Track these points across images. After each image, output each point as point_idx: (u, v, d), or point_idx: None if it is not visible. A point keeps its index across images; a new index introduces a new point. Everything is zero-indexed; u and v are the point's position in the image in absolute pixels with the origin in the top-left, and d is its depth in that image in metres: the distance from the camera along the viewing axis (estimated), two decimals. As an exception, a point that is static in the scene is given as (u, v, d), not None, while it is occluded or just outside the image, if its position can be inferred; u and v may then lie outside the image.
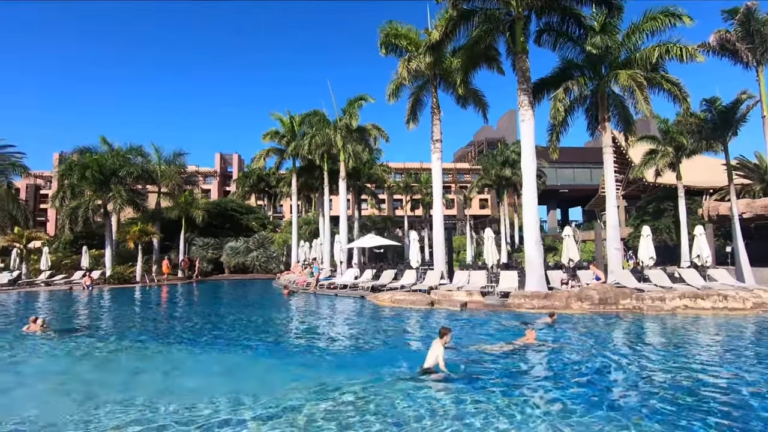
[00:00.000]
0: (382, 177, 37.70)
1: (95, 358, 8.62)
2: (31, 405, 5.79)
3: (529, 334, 8.54)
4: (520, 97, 14.71)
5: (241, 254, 35.23)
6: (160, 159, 33.83)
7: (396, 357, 7.84)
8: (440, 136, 19.12)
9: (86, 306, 17.81)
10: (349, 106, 25.74)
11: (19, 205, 33.71)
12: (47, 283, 26.97)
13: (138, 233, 28.09)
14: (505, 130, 73.86)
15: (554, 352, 8.18)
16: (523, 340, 8.46)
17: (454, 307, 13.72)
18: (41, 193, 63.79)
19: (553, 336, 9.58)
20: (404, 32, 18.43)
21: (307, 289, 21.17)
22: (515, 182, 35.93)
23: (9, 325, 12.71)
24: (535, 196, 14.68)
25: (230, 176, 68.72)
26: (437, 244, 18.87)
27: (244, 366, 7.96)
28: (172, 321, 13.76)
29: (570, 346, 8.63)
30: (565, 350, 8.31)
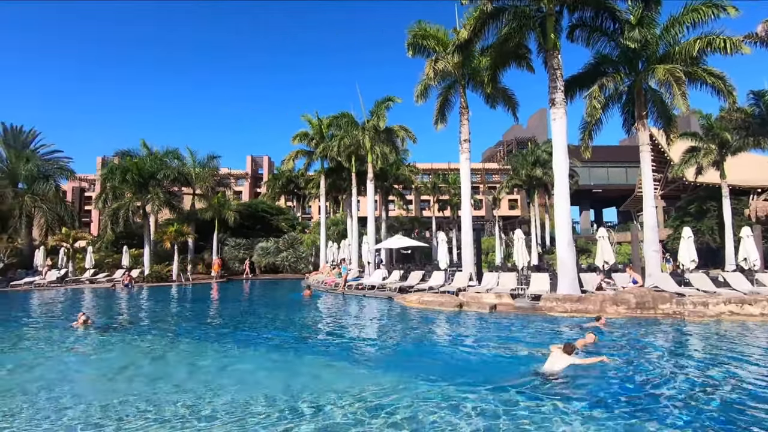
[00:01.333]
0: (409, 178, 37.65)
1: (155, 352, 9.02)
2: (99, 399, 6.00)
3: (589, 337, 8.37)
4: (552, 95, 14.35)
5: (271, 254, 35.99)
6: (195, 162, 35.05)
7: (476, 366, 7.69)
8: (468, 137, 18.91)
9: (129, 303, 18.65)
10: (377, 108, 25.85)
11: (66, 206, 35.75)
12: (91, 281, 28.43)
13: (174, 234, 29.21)
14: (536, 129, 72.23)
15: (621, 357, 7.75)
16: (584, 342, 8.21)
17: (483, 310, 13.53)
18: (86, 195, 67.35)
19: (608, 340, 9.18)
20: (432, 32, 18.33)
21: (336, 290, 21.38)
22: (546, 182, 35.06)
23: (56, 318, 13.51)
24: (567, 196, 14.28)
25: (261, 178, 70.36)
26: (465, 246, 18.66)
27: (329, 370, 7.56)
28: (224, 319, 14.07)
29: (628, 351, 8.26)
30: (629, 355, 7.91)
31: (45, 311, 16.36)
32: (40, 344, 9.86)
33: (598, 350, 7.94)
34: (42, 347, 9.56)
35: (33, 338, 10.58)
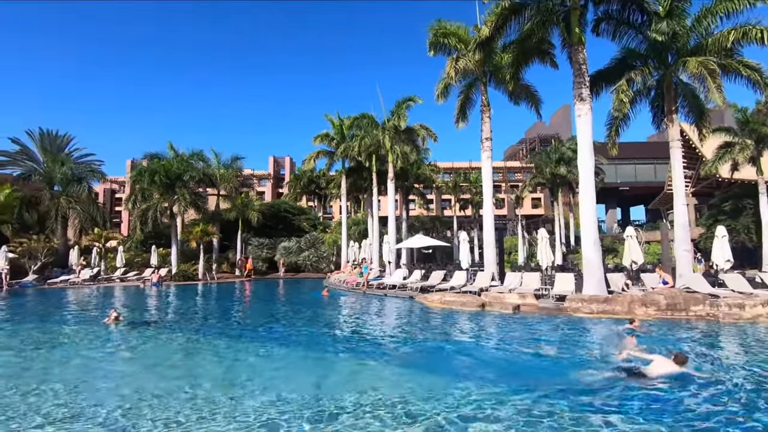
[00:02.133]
0: (430, 177, 37.46)
1: (186, 348, 9.29)
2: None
3: (627, 340, 8.08)
4: (577, 91, 14.02)
5: (293, 254, 36.48)
6: (219, 163, 35.87)
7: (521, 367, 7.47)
8: (490, 135, 18.69)
9: (158, 301, 19.22)
10: (398, 108, 25.84)
11: (98, 208, 37.16)
12: (122, 279, 29.47)
13: (200, 233, 29.96)
14: (559, 126, 70.80)
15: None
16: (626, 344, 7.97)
17: (506, 310, 13.34)
18: (116, 197, 69.79)
19: (647, 343, 8.70)
20: (453, 30, 18.19)
21: (358, 289, 21.49)
22: (570, 180, 34.30)
23: (87, 312, 14.06)
24: (593, 194, 13.93)
25: (283, 178, 71.35)
26: (488, 245, 18.44)
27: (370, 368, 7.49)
28: (253, 317, 14.31)
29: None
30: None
31: (79, 308, 17.04)
32: (75, 339, 10.28)
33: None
34: (77, 342, 9.96)
35: (69, 334, 11.04)
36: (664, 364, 6.24)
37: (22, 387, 6.29)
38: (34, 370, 7.51)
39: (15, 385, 6.39)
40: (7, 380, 6.71)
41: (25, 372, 7.41)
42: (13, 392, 6.06)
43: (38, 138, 35.60)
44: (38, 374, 7.19)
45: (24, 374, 7.22)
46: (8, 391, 6.11)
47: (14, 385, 6.39)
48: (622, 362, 6.90)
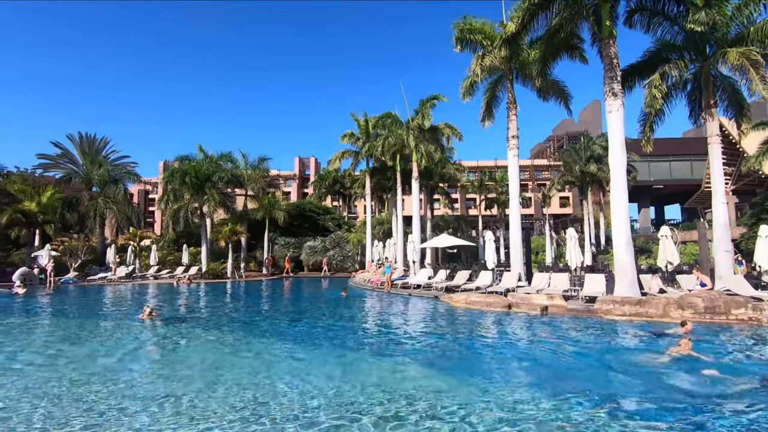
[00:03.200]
0: (454, 176, 37.16)
1: (215, 342, 9.58)
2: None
3: (683, 344, 7.59)
4: (608, 86, 13.59)
5: (318, 253, 36.90)
6: (247, 164, 36.65)
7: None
8: (516, 132, 18.35)
9: (190, 298, 19.82)
10: (422, 107, 25.74)
11: (133, 208, 38.69)
12: (155, 277, 30.54)
13: (228, 233, 30.72)
14: (589, 123, 68.84)
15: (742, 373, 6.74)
16: (677, 351, 7.52)
17: (533, 311, 13.08)
18: (149, 197, 72.43)
19: (705, 347, 8.21)
20: (479, 26, 17.95)
21: (382, 288, 21.54)
22: (601, 178, 33.32)
23: (123, 308, 14.65)
24: (625, 192, 13.47)
25: (308, 179, 72.26)
26: (514, 245, 18.13)
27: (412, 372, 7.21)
28: (281, 315, 14.37)
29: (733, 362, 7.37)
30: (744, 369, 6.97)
31: (116, 304, 17.78)
32: (114, 334, 10.73)
33: (697, 358, 7.17)
34: (116, 336, 10.40)
35: (108, 328, 11.53)
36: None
37: (68, 375, 6.65)
38: (77, 361, 7.89)
39: (63, 374, 6.75)
40: (60, 369, 7.09)
41: (63, 363, 7.79)
42: (65, 378, 6.40)
43: (78, 141, 37.38)
44: (79, 364, 7.55)
45: (60, 366, 7.60)
46: (63, 376, 6.46)
47: (62, 374, 6.75)
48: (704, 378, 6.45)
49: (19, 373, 7.22)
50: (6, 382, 6.54)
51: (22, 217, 30.62)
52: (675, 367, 7.05)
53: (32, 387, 6.26)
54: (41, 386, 6.26)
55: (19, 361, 8.14)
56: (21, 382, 6.51)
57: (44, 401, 5.60)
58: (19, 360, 8.23)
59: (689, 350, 7.40)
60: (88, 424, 4.80)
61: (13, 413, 5.17)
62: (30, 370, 7.46)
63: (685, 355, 7.32)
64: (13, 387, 6.27)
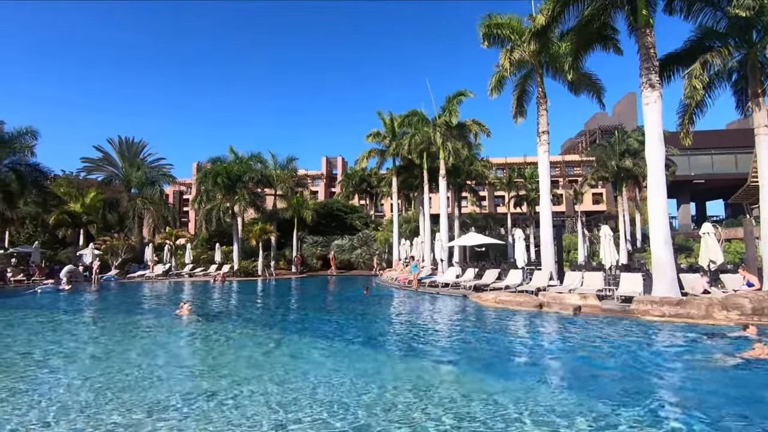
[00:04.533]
0: (482, 173, 36.62)
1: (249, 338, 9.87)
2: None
3: (760, 348, 7.21)
4: (644, 78, 13.03)
5: (346, 251, 37.27)
6: (276, 164, 37.39)
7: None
8: (547, 128, 17.90)
9: (223, 295, 20.43)
10: (448, 103, 25.50)
11: (169, 208, 40.26)
12: (190, 275, 31.65)
13: (259, 232, 31.46)
14: (623, 116, 66.30)
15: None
16: (753, 354, 7.15)
17: (566, 311, 12.74)
18: (184, 198, 75.05)
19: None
20: (505, 21, 17.61)
21: (409, 287, 21.51)
22: (637, 174, 32.06)
23: (162, 304, 15.26)
24: (663, 188, 12.90)
25: (335, 178, 72.99)
26: (545, 243, 17.70)
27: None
28: (314, 313, 14.39)
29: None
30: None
31: (155, 300, 18.55)
32: (154, 329, 11.21)
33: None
34: (155, 332, 10.86)
35: (149, 324, 12.06)
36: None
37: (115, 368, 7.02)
38: (119, 354, 8.29)
39: (110, 365, 7.12)
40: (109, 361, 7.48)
41: (111, 356, 8.20)
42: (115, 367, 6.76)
43: (117, 145, 39.17)
44: (121, 357, 7.93)
45: (112, 357, 8.01)
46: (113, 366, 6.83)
47: (109, 365, 7.12)
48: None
49: (84, 362, 7.71)
50: (72, 371, 6.98)
51: (68, 217, 32.37)
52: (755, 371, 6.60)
53: (101, 375, 6.67)
54: (110, 375, 6.66)
55: (81, 351, 8.65)
56: (92, 371, 6.91)
57: (109, 391, 5.91)
58: (79, 349, 8.73)
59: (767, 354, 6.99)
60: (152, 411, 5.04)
61: (78, 400, 5.49)
62: (92, 360, 7.93)
63: (763, 358, 6.92)
64: (80, 375, 6.68)
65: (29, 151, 29.29)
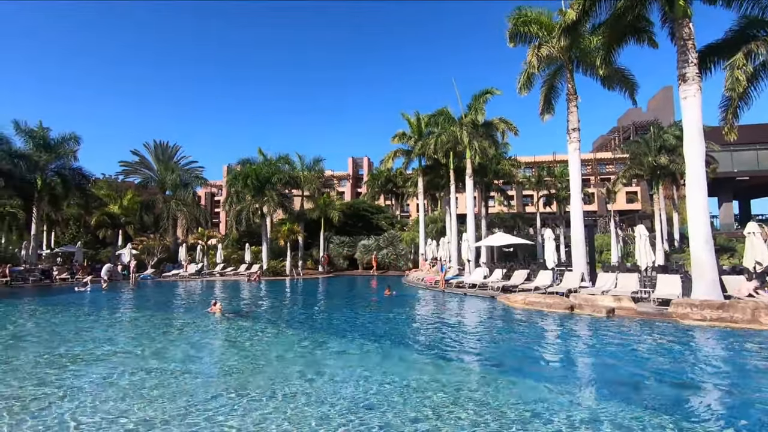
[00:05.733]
0: (510, 172, 35.98)
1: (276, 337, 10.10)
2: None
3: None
4: (681, 71, 12.48)
5: (372, 251, 37.41)
6: (303, 165, 37.96)
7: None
8: (577, 125, 17.40)
9: (252, 293, 20.91)
10: (475, 102, 25.18)
11: (201, 209, 41.60)
12: (221, 274, 32.58)
13: (287, 232, 32.04)
14: (659, 111, 63.68)
15: None
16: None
17: (598, 313, 12.35)
18: (215, 199, 77.31)
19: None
20: (534, 17, 17.24)
21: (436, 287, 21.39)
22: (674, 171, 30.68)
23: (195, 303, 15.78)
24: (703, 186, 12.31)
25: (361, 178, 73.43)
26: (576, 243, 17.22)
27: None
28: (344, 313, 14.37)
29: None
30: None
31: (188, 298, 19.19)
32: (189, 325, 11.62)
33: None
34: (191, 328, 11.25)
35: (184, 320, 12.53)
36: None
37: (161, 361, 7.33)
38: (155, 349, 8.64)
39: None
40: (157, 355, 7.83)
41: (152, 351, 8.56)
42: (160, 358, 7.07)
43: (153, 149, 40.77)
44: (158, 352, 8.27)
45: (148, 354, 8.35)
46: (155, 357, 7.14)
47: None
48: None
49: (134, 354, 8.08)
50: (123, 365, 7.33)
51: (108, 219, 33.96)
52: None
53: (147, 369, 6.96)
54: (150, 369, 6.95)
55: (131, 345, 9.07)
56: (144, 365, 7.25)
57: (147, 383, 6.19)
58: (128, 343, 9.16)
59: None
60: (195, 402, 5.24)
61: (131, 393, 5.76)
62: (139, 354, 8.30)
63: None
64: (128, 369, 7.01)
65: (72, 155, 30.94)
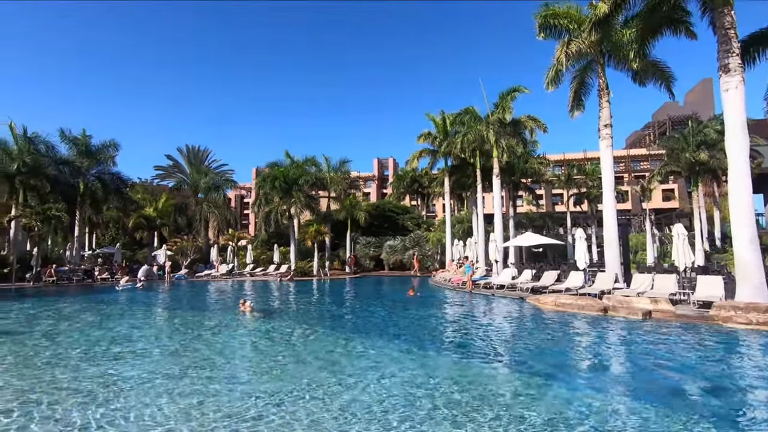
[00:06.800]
0: (539, 171, 35.19)
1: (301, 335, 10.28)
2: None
3: None
4: (722, 62, 11.89)
5: (398, 252, 37.42)
6: (329, 167, 38.38)
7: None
8: (610, 121, 16.85)
9: (281, 293, 21.31)
10: (502, 100, 24.79)
11: (231, 211, 42.79)
12: (251, 274, 33.34)
13: (314, 233, 32.46)
14: (697, 105, 60.93)
15: None
16: None
17: (634, 316, 11.92)
18: (244, 201, 79.24)
19: None
20: (563, 11, 16.81)
21: (463, 288, 21.17)
22: (714, 167, 29.27)
23: (227, 301, 16.24)
24: (747, 182, 11.68)
25: (387, 179, 73.55)
26: (609, 243, 16.67)
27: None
28: (375, 315, 14.19)
29: None
30: None
31: (220, 297, 19.76)
32: (222, 323, 11.97)
33: None
34: (222, 325, 11.59)
35: (215, 318, 12.91)
36: None
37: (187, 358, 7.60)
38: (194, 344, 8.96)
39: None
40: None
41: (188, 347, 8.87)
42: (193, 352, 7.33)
43: (185, 153, 42.19)
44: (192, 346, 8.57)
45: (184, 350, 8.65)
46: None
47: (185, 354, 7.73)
48: None
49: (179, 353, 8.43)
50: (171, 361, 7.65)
51: (144, 221, 35.41)
52: None
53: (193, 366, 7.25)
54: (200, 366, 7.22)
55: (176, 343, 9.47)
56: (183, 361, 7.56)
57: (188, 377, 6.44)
58: (171, 341, 9.56)
59: None
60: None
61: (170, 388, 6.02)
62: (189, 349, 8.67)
63: None
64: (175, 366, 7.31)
65: (111, 161, 32.46)
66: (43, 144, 29.82)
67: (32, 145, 29.07)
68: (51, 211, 26.50)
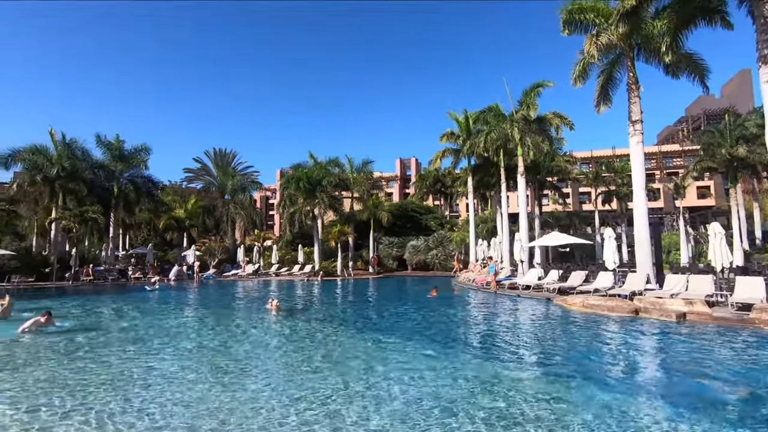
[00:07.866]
0: (565, 169, 34.34)
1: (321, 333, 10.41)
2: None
3: None
4: (763, 52, 11.29)
5: (421, 252, 37.31)
6: (352, 168, 38.63)
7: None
8: (640, 116, 16.29)
9: (306, 292, 21.62)
10: (526, 96, 24.36)
11: (257, 212, 43.67)
12: (276, 274, 33.92)
13: (337, 233, 32.76)
14: (735, 97, 58.21)
15: None
16: None
17: (667, 318, 11.48)
18: (269, 203, 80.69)
19: None
20: (590, 6, 16.36)
21: (488, 288, 20.92)
22: (754, 162, 27.83)
23: (255, 300, 16.58)
24: (791, 178, 11.09)
25: (409, 179, 73.42)
26: (640, 243, 16.11)
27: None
28: (401, 316, 14.00)
29: None
30: None
31: (247, 296, 20.20)
32: (249, 320, 12.24)
33: None
34: (249, 322, 11.85)
35: (243, 316, 13.22)
36: None
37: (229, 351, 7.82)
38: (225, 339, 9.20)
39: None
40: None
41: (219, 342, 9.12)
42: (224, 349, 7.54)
43: (213, 156, 43.34)
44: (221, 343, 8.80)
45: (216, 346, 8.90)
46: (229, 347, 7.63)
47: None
48: None
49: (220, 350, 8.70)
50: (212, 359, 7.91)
51: (174, 222, 36.56)
52: None
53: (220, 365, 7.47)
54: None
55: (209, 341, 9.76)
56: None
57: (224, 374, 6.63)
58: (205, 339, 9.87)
59: None
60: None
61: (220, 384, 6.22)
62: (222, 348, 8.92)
63: None
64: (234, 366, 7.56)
65: (143, 164, 33.64)
66: (79, 149, 31.21)
67: (70, 151, 30.46)
68: (88, 213, 27.72)
